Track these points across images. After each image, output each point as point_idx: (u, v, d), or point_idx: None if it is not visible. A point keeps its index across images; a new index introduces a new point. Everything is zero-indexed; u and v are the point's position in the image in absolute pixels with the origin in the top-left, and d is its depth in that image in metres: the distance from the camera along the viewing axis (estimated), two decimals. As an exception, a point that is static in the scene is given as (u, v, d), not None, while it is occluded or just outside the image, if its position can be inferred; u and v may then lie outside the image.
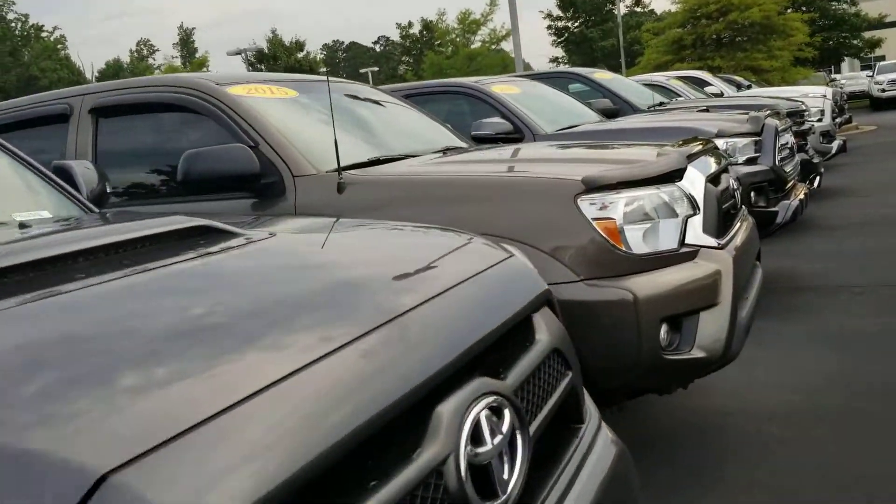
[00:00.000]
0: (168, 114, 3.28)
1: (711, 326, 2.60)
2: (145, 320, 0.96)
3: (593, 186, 2.54)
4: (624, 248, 2.52)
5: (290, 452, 0.78)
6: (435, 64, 38.09)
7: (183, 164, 2.84)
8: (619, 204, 2.54)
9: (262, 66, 49.56)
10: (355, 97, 4.05)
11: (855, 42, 36.46)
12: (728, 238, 2.87)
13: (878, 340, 4.29)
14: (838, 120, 12.96)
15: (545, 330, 1.34)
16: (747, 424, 3.30)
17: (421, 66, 45.07)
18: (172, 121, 3.31)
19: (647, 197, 2.59)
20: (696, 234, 2.69)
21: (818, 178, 7.97)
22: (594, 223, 2.52)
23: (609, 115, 7.12)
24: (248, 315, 1.01)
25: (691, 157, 2.90)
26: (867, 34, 37.01)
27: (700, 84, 12.94)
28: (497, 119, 5.45)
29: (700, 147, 3.23)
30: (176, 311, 1.02)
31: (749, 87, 15.69)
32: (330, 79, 4.36)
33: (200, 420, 0.76)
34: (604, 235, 2.51)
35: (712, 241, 2.73)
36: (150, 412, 0.76)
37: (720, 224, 2.84)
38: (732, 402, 3.55)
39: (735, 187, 3.19)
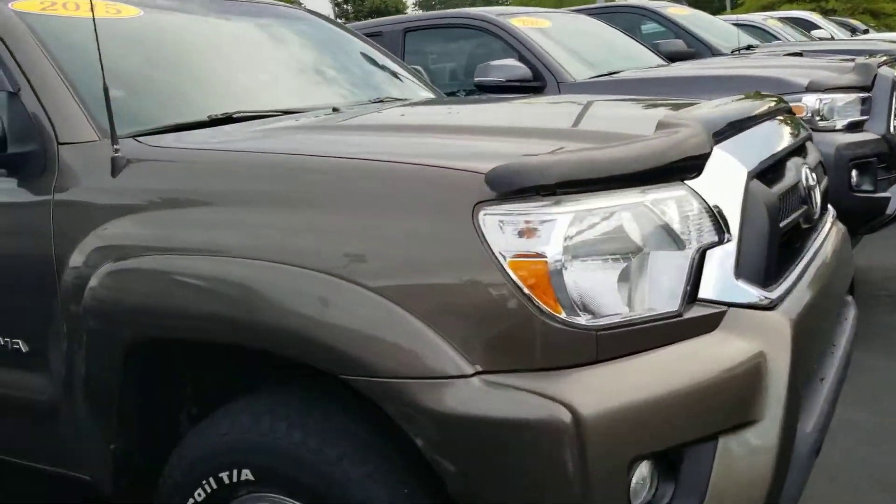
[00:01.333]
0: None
1: (742, 462, 1.34)
2: None
3: (509, 190, 1.29)
4: (562, 314, 1.28)
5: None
6: (522, -4, 35.82)
7: None
8: (558, 224, 1.28)
9: (349, 6, 48.26)
10: (275, 27, 2.85)
11: None
12: (789, 282, 1.56)
13: None
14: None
15: None
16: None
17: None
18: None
19: (620, 210, 1.33)
20: (724, 280, 1.41)
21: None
22: (505, 262, 1.28)
23: (680, 58, 5.72)
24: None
25: (724, 133, 1.59)
26: None
27: (806, 27, 11.08)
28: (510, 61, 4.16)
29: (758, 109, 1.90)
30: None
31: (866, 31, 13.56)
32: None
33: None
34: (521, 286, 1.27)
35: (755, 294, 1.43)
36: None
37: (773, 258, 1.53)
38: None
39: (813, 182, 1.85)
